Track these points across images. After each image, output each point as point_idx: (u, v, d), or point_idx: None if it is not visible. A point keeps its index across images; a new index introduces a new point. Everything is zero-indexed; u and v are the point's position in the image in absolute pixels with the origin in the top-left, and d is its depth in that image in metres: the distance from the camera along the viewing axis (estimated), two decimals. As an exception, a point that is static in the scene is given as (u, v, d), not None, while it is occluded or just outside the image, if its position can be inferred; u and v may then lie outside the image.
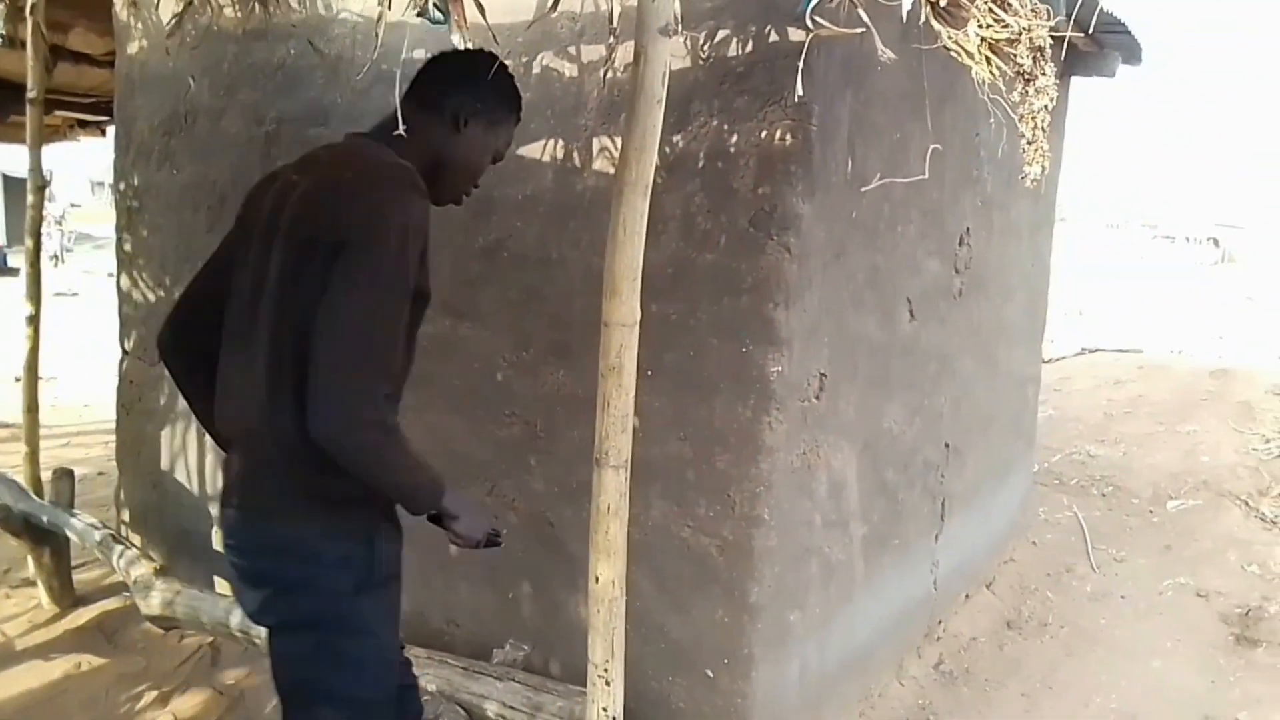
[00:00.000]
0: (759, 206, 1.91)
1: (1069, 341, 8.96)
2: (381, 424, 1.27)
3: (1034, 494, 4.29)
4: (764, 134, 1.89)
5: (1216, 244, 31.81)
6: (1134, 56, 3.68)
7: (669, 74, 1.40)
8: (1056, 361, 7.73)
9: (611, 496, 1.47)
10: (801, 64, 1.69)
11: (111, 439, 3.63)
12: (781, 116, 1.86)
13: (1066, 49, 3.23)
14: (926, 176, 2.26)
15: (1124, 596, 3.44)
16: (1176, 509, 4.31)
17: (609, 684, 1.53)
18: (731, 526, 2.00)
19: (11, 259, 15.78)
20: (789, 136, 1.86)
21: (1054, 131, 2.35)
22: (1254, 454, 5.00)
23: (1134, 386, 6.87)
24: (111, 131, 3.55)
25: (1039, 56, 1.76)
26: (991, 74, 1.76)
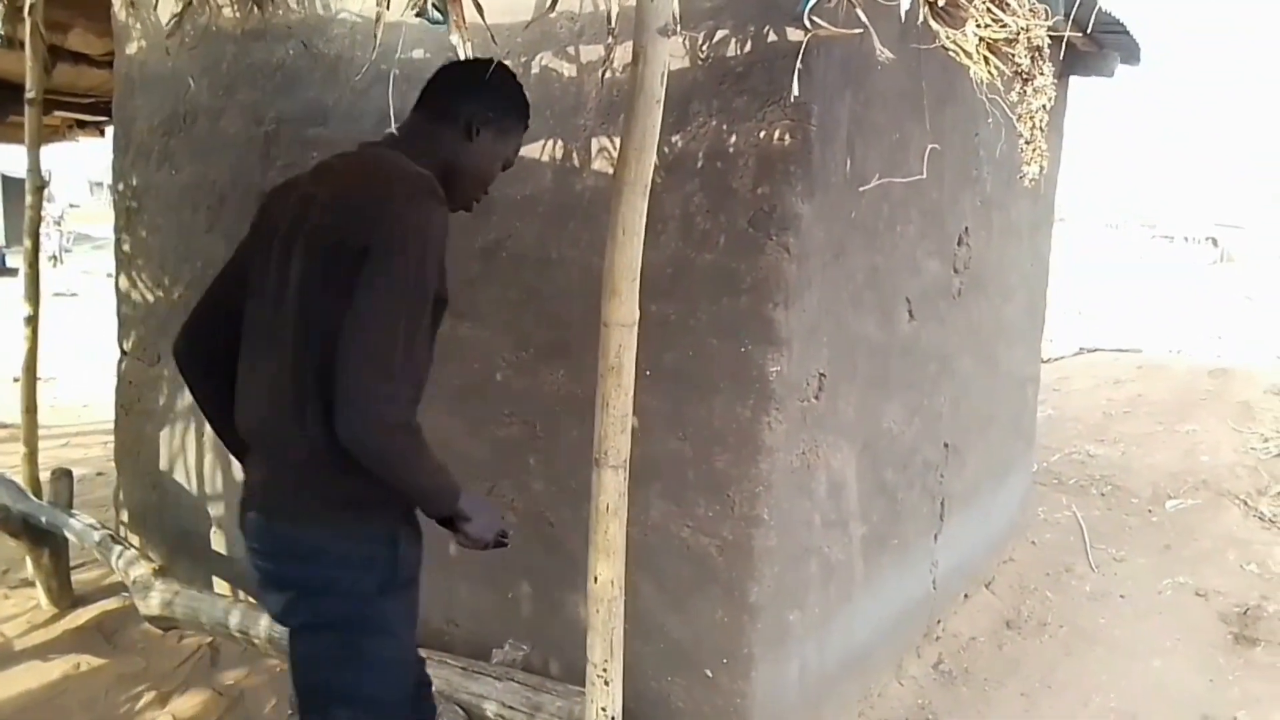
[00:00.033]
0: (758, 206, 1.91)
1: (1068, 341, 8.98)
2: (407, 426, 1.29)
3: (1033, 494, 4.29)
4: (763, 134, 1.89)
5: (1215, 244, 31.84)
6: (1132, 56, 3.68)
7: (668, 74, 1.40)
8: (1056, 361, 7.74)
9: (611, 496, 1.47)
10: (800, 64, 1.70)
11: (110, 439, 3.63)
12: (780, 116, 1.86)
13: (1065, 49, 3.23)
14: (925, 176, 2.27)
15: (1123, 596, 3.44)
16: (1176, 508, 4.32)
17: (608, 684, 1.52)
18: (731, 526, 1.99)
19: (10, 259, 15.74)
20: (788, 136, 1.86)
21: (1053, 131, 2.35)
22: (1253, 453, 5.01)
23: (1133, 386, 6.89)
24: (110, 132, 3.56)
25: (1037, 56, 1.76)
26: (990, 74, 1.76)
